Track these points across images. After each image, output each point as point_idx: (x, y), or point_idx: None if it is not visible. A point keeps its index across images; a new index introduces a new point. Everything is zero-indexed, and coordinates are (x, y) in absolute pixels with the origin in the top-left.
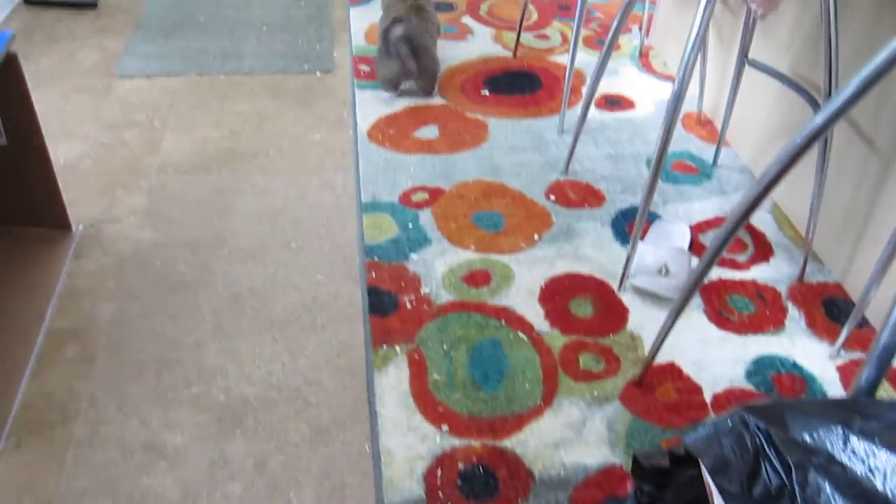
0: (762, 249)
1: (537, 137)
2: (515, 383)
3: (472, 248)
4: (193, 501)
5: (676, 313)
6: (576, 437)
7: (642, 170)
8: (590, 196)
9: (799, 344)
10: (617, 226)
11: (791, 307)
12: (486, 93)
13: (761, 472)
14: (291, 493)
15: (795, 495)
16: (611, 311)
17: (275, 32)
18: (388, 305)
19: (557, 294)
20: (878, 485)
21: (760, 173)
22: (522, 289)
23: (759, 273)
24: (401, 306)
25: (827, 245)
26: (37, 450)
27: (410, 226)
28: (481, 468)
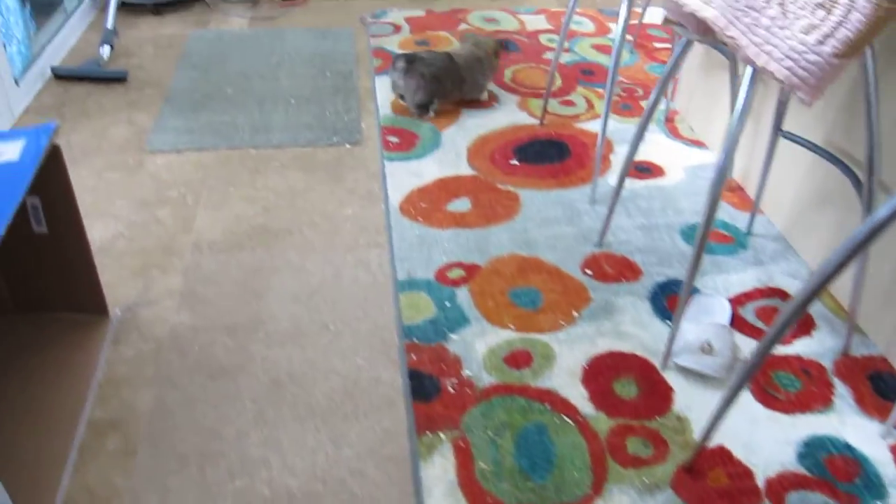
0: (804, 322)
1: (569, 208)
2: (564, 471)
3: (512, 326)
4: None
5: (729, 400)
6: None
7: (676, 240)
8: (626, 269)
9: (849, 423)
10: (655, 300)
11: (838, 383)
12: (515, 162)
13: None
14: None
15: None
16: (655, 391)
17: (302, 104)
18: (430, 389)
19: (600, 374)
20: None
21: (817, 267)
22: (564, 369)
23: (802, 347)
24: (443, 390)
25: (871, 317)
26: None
27: (448, 304)
28: None
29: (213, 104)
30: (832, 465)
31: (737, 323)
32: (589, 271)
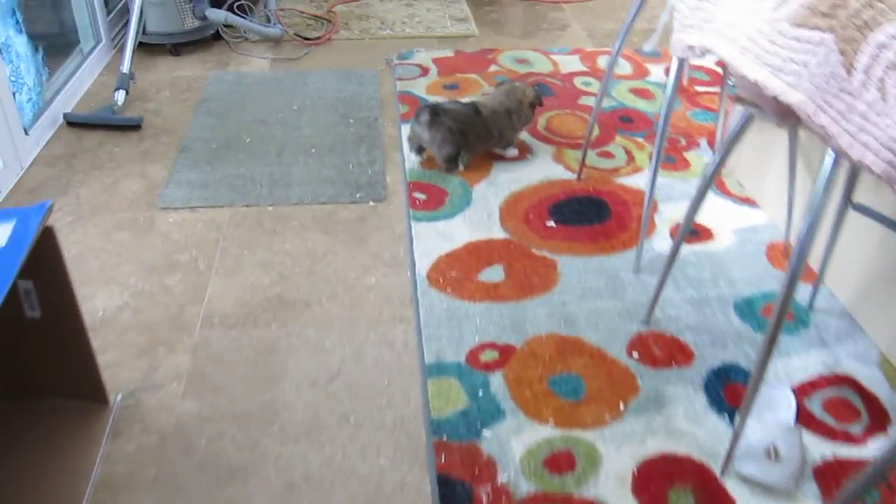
0: (877, 417)
1: (612, 278)
2: None
3: (551, 421)
4: None
5: None
6: None
7: (731, 317)
8: (676, 352)
9: None
10: (711, 390)
11: None
12: (552, 224)
13: None
14: None
15: None
16: None
17: (323, 155)
18: (461, 498)
19: (652, 482)
20: None
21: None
22: (612, 475)
23: (878, 448)
24: (476, 500)
25: None
26: None
27: (481, 394)
28: None
29: (230, 155)
30: None
31: (803, 417)
32: (636, 354)
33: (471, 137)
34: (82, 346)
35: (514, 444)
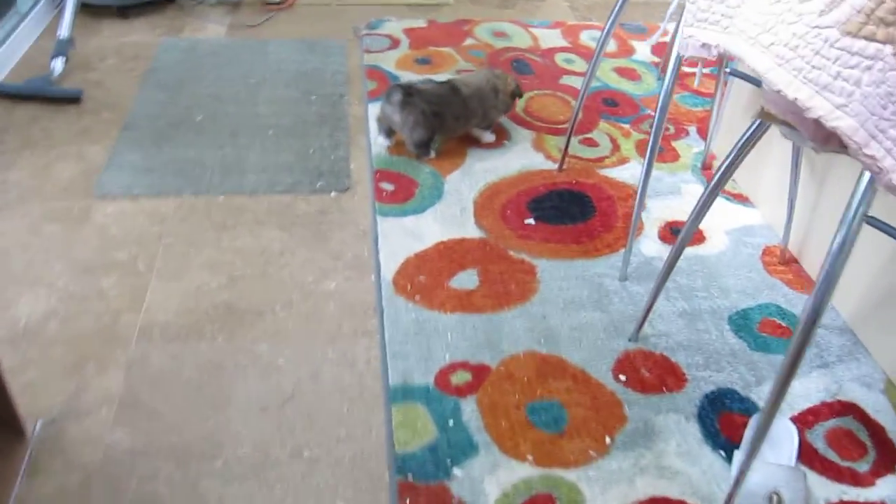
0: (885, 452)
1: (596, 287)
2: None
3: (530, 458)
4: None
5: None
6: None
7: (725, 333)
8: (667, 374)
9: None
10: (705, 420)
11: None
12: (531, 221)
13: None
14: None
15: None
16: None
17: (282, 137)
18: None
19: None
20: None
21: None
22: None
23: (888, 489)
24: None
25: None
26: None
27: (451, 423)
28: None
29: (178, 135)
30: None
31: (805, 454)
32: (623, 377)
33: (447, 119)
34: None
35: (489, 485)
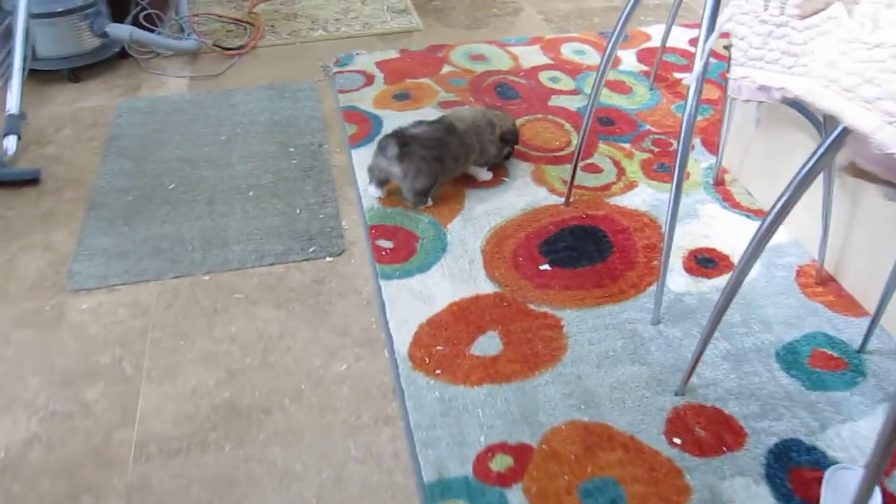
0: None
1: (629, 335)
2: None
3: None
4: None
5: None
6: None
7: (775, 373)
8: (724, 430)
9: None
10: (774, 480)
11: None
12: (546, 267)
13: None
14: None
15: None
16: None
17: (264, 198)
18: None
19: None
20: None
21: None
22: None
23: None
24: None
25: None
26: None
27: None
28: None
29: (151, 208)
30: None
31: None
32: (677, 440)
33: (447, 162)
34: None
35: None
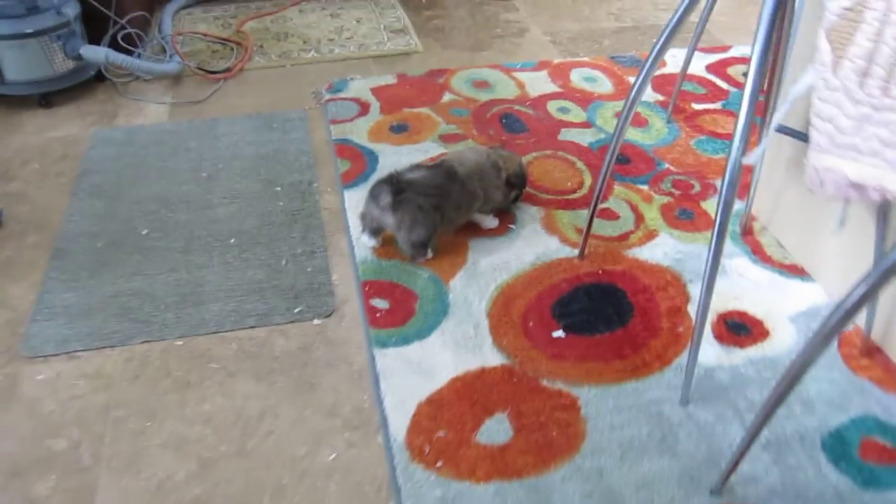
0: None
1: (655, 419)
2: None
3: None
4: None
5: None
6: None
7: (823, 466)
8: None
9: None
10: None
11: None
12: (560, 334)
13: None
14: None
15: None
16: None
17: (247, 246)
18: None
19: None
20: None
21: None
22: None
23: None
24: None
25: None
26: None
27: None
28: None
29: (120, 258)
30: None
31: None
32: None
33: (448, 211)
34: None
35: None
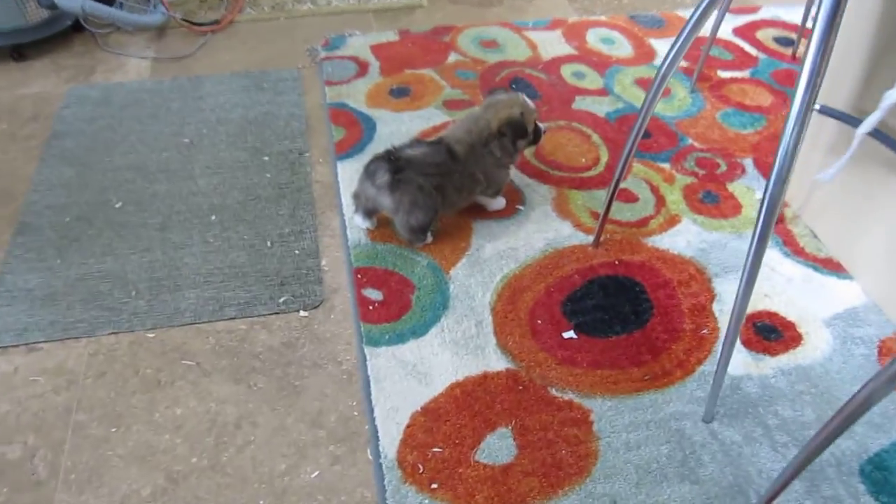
0: None
1: (676, 438)
2: None
3: None
4: None
5: None
6: None
7: (862, 498)
8: None
9: None
10: None
11: None
12: (571, 334)
13: None
14: None
15: None
16: None
17: (229, 224)
18: None
19: None
20: None
21: None
22: None
23: None
24: None
25: None
26: None
27: None
28: None
29: (90, 234)
30: None
31: None
32: None
33: (449, 193)
34: None
35: None
